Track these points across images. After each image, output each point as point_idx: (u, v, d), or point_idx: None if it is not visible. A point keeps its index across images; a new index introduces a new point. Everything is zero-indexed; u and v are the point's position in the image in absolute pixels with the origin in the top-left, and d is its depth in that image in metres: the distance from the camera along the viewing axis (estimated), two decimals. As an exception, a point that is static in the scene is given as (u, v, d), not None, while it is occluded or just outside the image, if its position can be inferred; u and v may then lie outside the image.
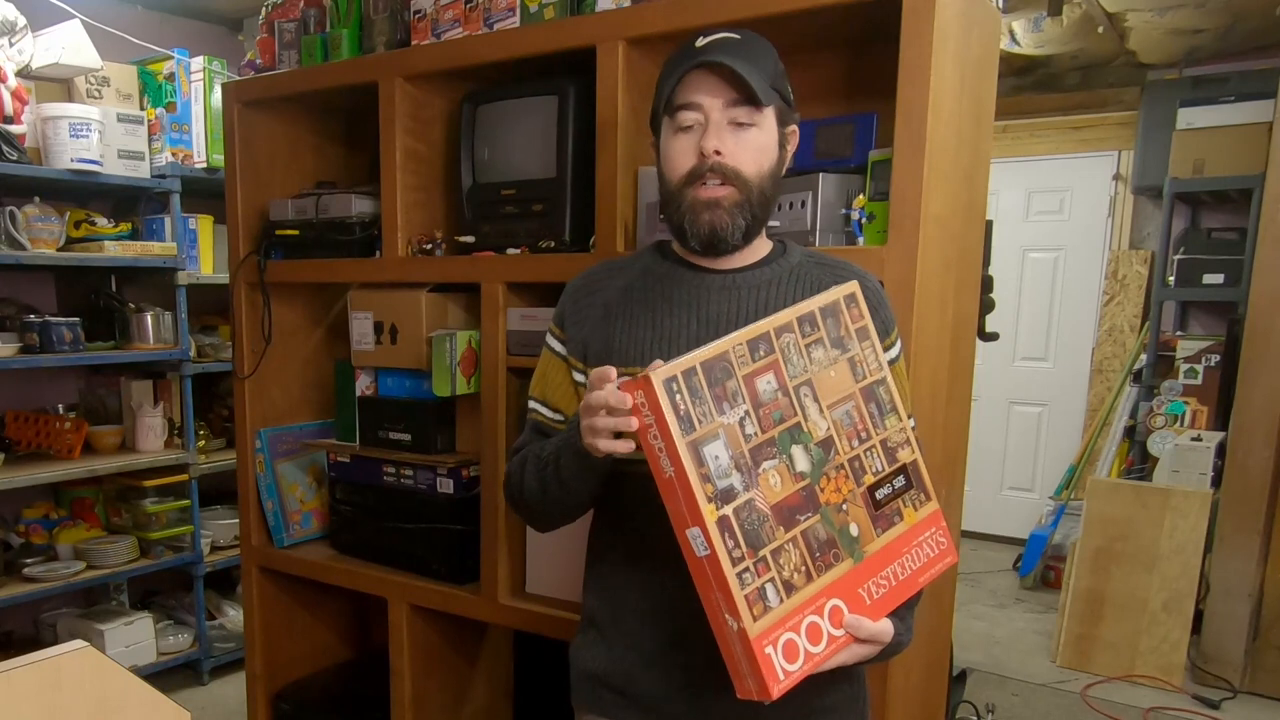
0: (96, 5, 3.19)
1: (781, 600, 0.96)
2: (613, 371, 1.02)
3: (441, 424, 2.02)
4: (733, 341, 0.98)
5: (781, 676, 0.94)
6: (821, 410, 1.03)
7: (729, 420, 0.96)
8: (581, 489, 1.17)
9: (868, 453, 1.06)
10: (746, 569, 0.94)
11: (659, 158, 1.22)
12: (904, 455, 1.09)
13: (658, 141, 1.23)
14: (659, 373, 0.92)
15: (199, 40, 3.52)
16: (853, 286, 1.10)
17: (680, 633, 1.16)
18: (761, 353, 1.00)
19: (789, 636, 0.96)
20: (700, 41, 1.16)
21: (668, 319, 1.20)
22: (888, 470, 1.07)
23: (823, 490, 1.01)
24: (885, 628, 1.03)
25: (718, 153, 1.14)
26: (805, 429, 1.01)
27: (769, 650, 0.94)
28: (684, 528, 0.94)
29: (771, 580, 0.96)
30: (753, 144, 1.15)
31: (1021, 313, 4.94)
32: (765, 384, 0.99)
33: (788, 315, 1.03)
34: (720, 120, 1.14)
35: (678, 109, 1.16)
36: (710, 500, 0.93)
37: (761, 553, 0.95)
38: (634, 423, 0.99)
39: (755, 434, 0.98)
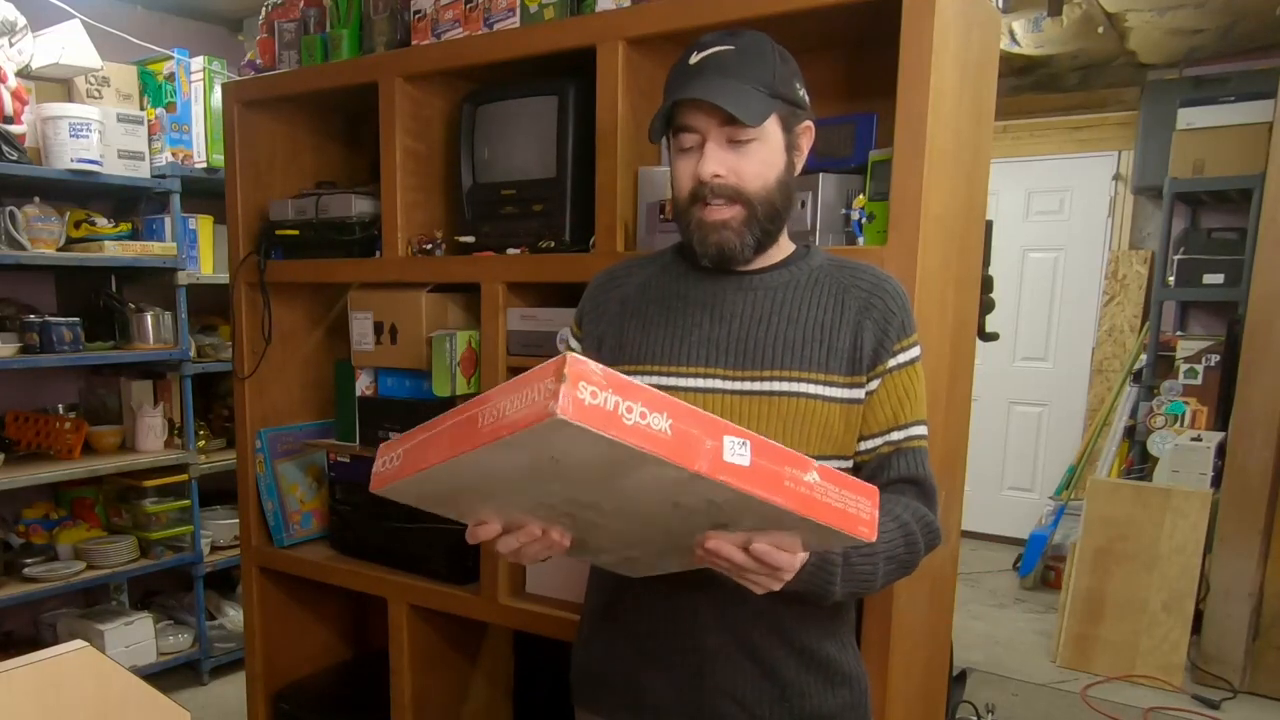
0: (96, 5, 3.19)
1: None
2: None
3: (441, 424, 2.02)
4: None
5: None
6: None
7: None
8: None
9: None
10: None
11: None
12: None
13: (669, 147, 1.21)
14: None
15: (199, 40, 3.52)
16: None
17: (682, 633, 1.16)
18: None
19: None
20: (694, 58, 1.12)
21: (682, 316, 1.19)
22: None
23: None
24: None
25: (716, 176, 1.11)
26: None
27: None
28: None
29: None
30: (754, 159, 1.12)
31: (1021, 313, 4.94)
32: None
33: None
34: (718, 139, 1.11)
35: (676, 130, 1.14)
36: None
37: None
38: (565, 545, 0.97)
39: None
